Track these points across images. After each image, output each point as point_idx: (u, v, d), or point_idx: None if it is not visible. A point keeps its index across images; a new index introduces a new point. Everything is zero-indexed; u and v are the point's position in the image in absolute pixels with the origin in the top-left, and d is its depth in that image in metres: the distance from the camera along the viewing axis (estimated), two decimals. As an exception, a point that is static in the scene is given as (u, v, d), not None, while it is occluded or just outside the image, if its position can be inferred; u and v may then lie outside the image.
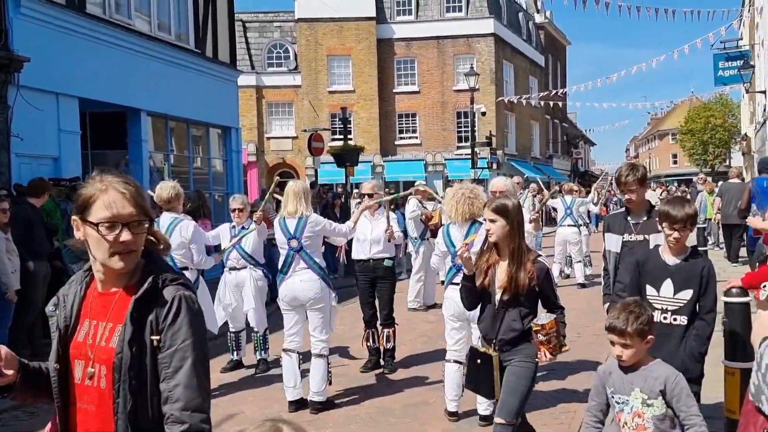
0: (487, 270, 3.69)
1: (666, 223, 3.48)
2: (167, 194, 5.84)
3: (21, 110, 9.27)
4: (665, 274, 3.50)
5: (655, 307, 3.45)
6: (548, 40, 43.15)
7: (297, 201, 5.52)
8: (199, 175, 14.72)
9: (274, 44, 33.20)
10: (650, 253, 3.70)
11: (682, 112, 54.82)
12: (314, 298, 5.45)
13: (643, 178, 4.22)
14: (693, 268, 3.49)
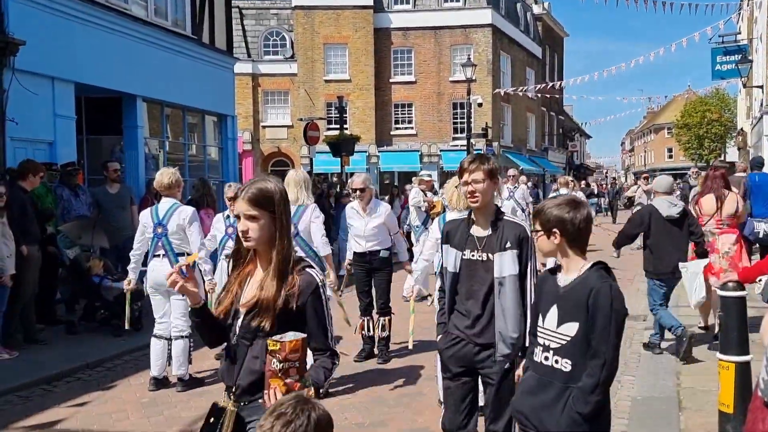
0: (238, 287, 2.53)
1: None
2: (168, 180, 5.84)
3: (16, 94, 9.19)
4: (552, 299, 2.69)
5: (538, 343, 2.73)
6: (546, 32, 43.08)
7: (298, 189, 5.50)
8: (194, 163, 14.66)
9: (270, 32, 33.02)
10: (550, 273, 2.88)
11: (678, 106, 54.91)
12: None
13: (492, 172, 3.30)
14: (581, 293, 2.58)
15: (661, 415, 4.74)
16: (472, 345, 3.33)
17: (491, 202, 3.35)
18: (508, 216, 3.35)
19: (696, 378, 5.54)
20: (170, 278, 2.47)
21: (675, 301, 8.91)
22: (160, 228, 5.80)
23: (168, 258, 5.79)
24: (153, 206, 5.96)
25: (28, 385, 5.95)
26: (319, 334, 2.45)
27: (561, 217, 2.64)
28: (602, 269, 2.62)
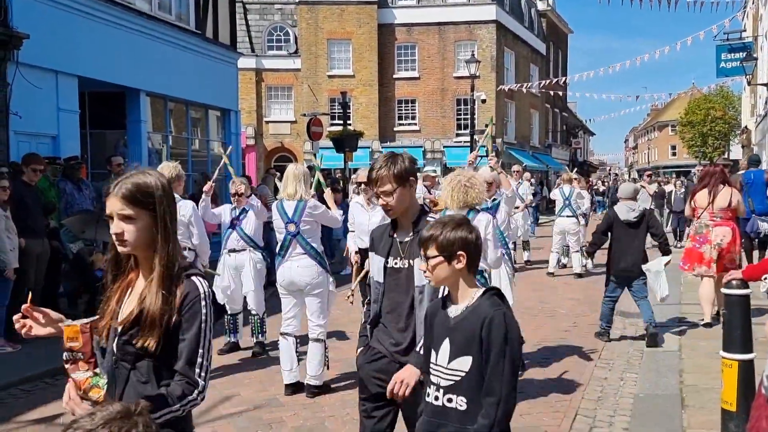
0: (116, 302, 2.14)
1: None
2: (168, 174, 5.79)
3: (20, 88, 9.20)
4: (444, 332, 2.42)
5: (431, 381, 2.45)
6: (550, 28, 42.96)
7: (297, 183, 5.45)
8: (197, 158, 14.66)
9: (274, 27, 32.98)
10: (437, 303, 2.57)
11: (683, 104, 54.73)
12: (311, 283, 5.43)
13: (402, 175, 2.92)
14: (473, 323, 2.34)
15: (663, 413, 4.73)
16: (395, 363, 2.92)
17: (413, 203, 3.01)
18: (432, 217, 2.99)
19: (699, 376, 5.53)
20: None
21: (677, 298, 8.91)
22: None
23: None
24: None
25: (31, 378, 5.97)
26: (183, 355, 2.02)
27: (465, 239, 2.38)
28: (495, 296, 2.40)
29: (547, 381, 5.75)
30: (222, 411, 5.14)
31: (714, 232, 6.97)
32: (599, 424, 4.77)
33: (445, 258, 2.38)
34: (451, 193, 4.96)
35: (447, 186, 5.04)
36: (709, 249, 6.97)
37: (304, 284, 5.44)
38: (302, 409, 5.12)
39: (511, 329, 2.31)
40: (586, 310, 8.85)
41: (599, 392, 5.46)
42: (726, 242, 6.94)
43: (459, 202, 4.90)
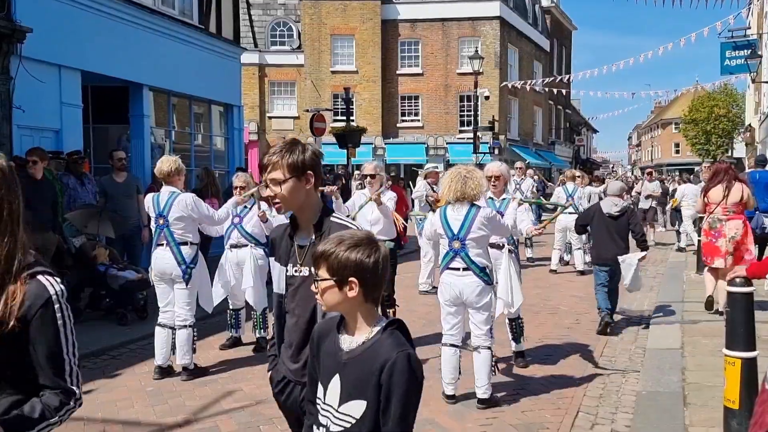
0: None
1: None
2: (167, 167, 5.80)
3: (23, 82, 9.20)
4: (334, 366, 2.04)
5: (319, 422, 2.08)
6: (554, 25, 42.86)
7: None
8: (200, 153, 14.66)
9: (277, 22, 32.95)
10: (330, 323, 2.16)
11: (686, 101, 54.61)
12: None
13: (298, 165, 2.50)
14: (370, 364, 1.95)
15: (665, 410, 4.72)
16: (300, 387, 2.52)
17: (311, 202, 2.56)
18: (336, 216, 2.59)
19: (701, 374, 5.52)
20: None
21: (680, 296, 8.90)
22: (162, 219, 5.77)
23: (170, 247, 5.76)
24: (155, 194, 5.93)
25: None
26: (47, 365, 1.78)
27: (360, 263, 1.99)
28: (397, 330, 2.03)
29: (548, 378, 5.75)
30: (224, 406, 5.15)
31: (728, 225, 7.41)
32: (601, 422, 4.77)
33: (336, 282, 1.99)
34: (449, 184, 4.98)
35: (446, 178, 5.08)
36: (725, 242, 7.40)
37: None
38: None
39: (416, 374, 1.95)
40: (588, 307, 8.83)
41: (601, 389, 5.45)
42: (740, 234, 7.39)
43: (456, 192, 4.92)
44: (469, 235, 4.93)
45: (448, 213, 5.05)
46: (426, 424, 4.70)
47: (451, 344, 5.09)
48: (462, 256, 4.96)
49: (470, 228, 4.93)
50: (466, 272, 4.96)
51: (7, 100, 9.04)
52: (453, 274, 5.00)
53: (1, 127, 9.01)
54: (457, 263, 4.99)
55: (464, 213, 4.96)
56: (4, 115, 9.03)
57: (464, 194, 4.93)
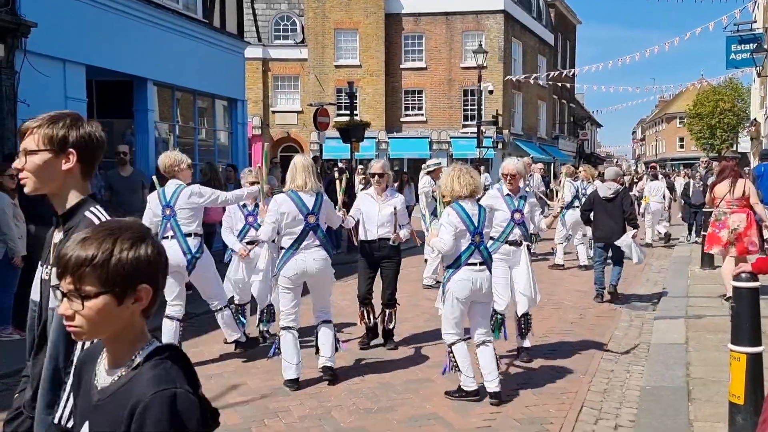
0: None
1: None
2: (169, 161, 5.88)
3: (27, 76, 9.20)
4: (86, 408, 1.56)
5: None
6: (558, 19, 42.71)
7: (307, 175, 5.40)
8: (204, 147, 14.67)
9: (281, 16, 32.91)
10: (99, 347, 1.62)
11: (691, 96, 54.42)
12: (325, 274, 5.51)
13: (61, 139, 2.05)
14: (120, 404, 1.43)
15: (670, 405, 4.72)
16: (30, 421, 2.14)
17: (66, 184, 2.09)
18: (93, 210, 2.10)
19: (706, 369, 5.51)
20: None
21: (684, 291, 8.88)
22: (168, 210, 5.80)
23: (177, 239, 5.78)
24: (160, 189, 5.96)
25: (39, 365, 6.00)
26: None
27: (147, 261, 1.48)
28: (167, 360, 1.49)
29: (552, 373, 5.75)
30: (228, 400, 5.16)
31: (731, 218, 7.94)
32: (605, 416, 4.77)
33: (111, 295, 1.45)
34: (458, 180, 5.03)
35: (449, 176, 5.12)
36: (727, 233, 7.94)
37: (318, 276, 5.45)
38: (308, 399, 5.13)
39: (183, 425, 1.40)
40: (592, 302, 8.83)
41: (605, 384, 5.45)
42: (743, 227, 7.87)
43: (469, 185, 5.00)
44: (484, 229, 5.08)
45: (465, 206, 5.02)
46: (430, 419, 4.71)
47: (462, 340, 5.08)
48: (481, 250, 5.03)
49: (484, 222, 5.06)
50: (482, 266, 5.01)
51: (11, 95, 9.05)
52: (474, 271, 4.97)
53: (6, 122, 9.02)
54: (476, 258, 4.99)
55: (477, 207, 5.07)
56: (9, 110, 9.04)
57: (477, 188, 5.03)
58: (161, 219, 5.84)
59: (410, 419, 4.73)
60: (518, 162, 6.22)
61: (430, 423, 4.65)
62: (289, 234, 5.39)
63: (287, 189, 5.49)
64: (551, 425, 4.59)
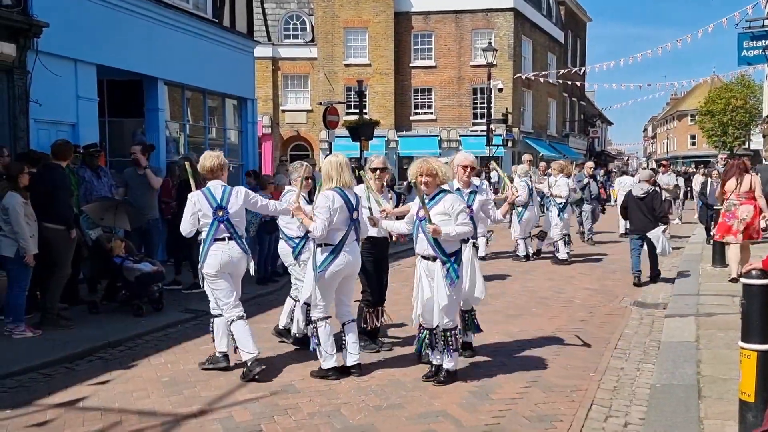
0: None
1: None
2: (210, 163, 5.73)
3: (39, 76, 9.29)
4: None
5: None
6: (568, 16, 42.53)
7: (351, 173, 5.60)
8: (214, 146, 14.71)
9: (290, 15, 32.96)
10: None
11: (702, 93, 54.06)
12: (358, 270, 5.75)
13: None
14: None
15: (680, 403, 4.70)
16: None
17: None
18: None
19: (716, 366, 5.49)
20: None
21: (695, 289, 8.84)
22: (221, 211, 5.62)
23: (235, 240, 5.67)
24: (206, 189, 5.70)
25: (52, 362, 6.06)
26: None
27: None
28: None
29: (562, 370, 5.74)
30: (238, 397, 5.19)
31: (740, 209, 9.20)
32: (615, 414, 4.76)
33: None
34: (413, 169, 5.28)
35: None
36: (736, 222, 9.19)
37: (355, 270, 5.67)
38: (318, 396, 5.15)
39: None
40: (602, 300, 8.81)
41: (615, 382, 5.44)
42: (750, 217, 9.12)
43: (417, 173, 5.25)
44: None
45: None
46: (438, 416, 4.72)
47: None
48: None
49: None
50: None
51: (24, 94, 9.14)
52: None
53: (19, 121, 9.11)
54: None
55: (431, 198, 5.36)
56: (22, 109, 9.13)
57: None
58: (212, 220, 5.60)
59: (419, 416, 4.74)
60: (470, 154, 6.29)
61: (438, 420, 4.65)
62: (337, 230, 5.45)
63: (332, 186, 5.46)
64: (560, 423, 4.58)
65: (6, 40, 8.75)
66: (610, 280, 10.39)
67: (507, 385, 5.34)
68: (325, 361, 5.51)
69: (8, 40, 8.79)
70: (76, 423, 4.70)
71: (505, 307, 8.35)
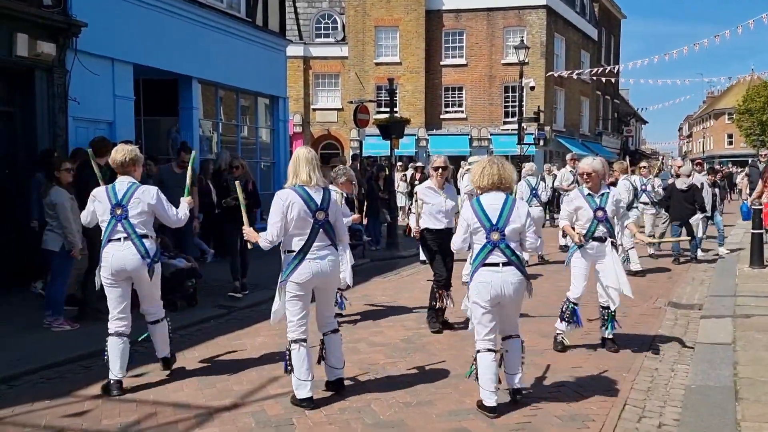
0: None
1: None
2: (121, 157, 5.35)
3: (78, 75, 9.50)
4: None
5: None
6: (602, 13, 41.97)
7: (311, 169, 4.81)
8: (246, 145, 14.88)
9: (322, 14, 33.13)
10: None
11: (740, 91, 52.87)
12: (336, 276, 5.04)
13: None
14: None
15: (716, 405, 4.62)
16: None
17: None
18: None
19: (755, 368, 5.38)
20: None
21: (732, 290, 8.66)
22: (120, 209, 5.21)
23: (131, 240, 5.22)
24: (109, 185, 5.36)
25: (89, 355, 6.18)
26: None
27: None
28: None
29: (595, 370, 5.68)
30: (270, 391, 5.25)
31: None
32: (648, 414, 4.69)
33: None
34: (484, 170, 4.75)
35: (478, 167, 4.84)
36: None
37: (330, 278, 4.91)
38: (348, 391, 5.16)
39: None
40: (638, 300, 8.65)
41: (649, 383, 5.36)
42: None
43: (493, 176, 4.69)
44: (510, 226, 4.63)
45: (483, 201, 4.67)
46: (469, 414, 4.71)
47: (488, 349, 4.68)
48: (502, 248, 4.61)
49: (507, 218, 4.62)
50: (505, 267, 4.61)
51: (63, 93, 9.35)
52: (493, 272, 4.60)
53: (58, 119, 9.32)
54: (495, 258, 4.61)
55: (502, 202, 4.67)
56: (61, 107, 9.34)
57: (504, 179, 4.70)
58: (109, 218, 5.28)
59: (449, 413, 4.73)
60: (596, 160, 6.34)
61: (469, 417, 4.64)
62: (296, 234, 4.78)
63: (292, 185, 4.85)
64: (593, 422, 4.54)
65: (46, 39, 8.96)
66: (644, 280, 10.23)
67: (538, 384, 5.31)
68: (298, 390, 4.81)
69: (48, 39, 9.00)
70: (112, 414, 4.80)
71: (535, 307, 8.27)
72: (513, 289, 4.64)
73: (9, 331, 6.90)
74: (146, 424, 4.61)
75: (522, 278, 4.67)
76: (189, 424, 4.60)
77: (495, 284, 4.60)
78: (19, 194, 8.73)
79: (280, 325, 7.54)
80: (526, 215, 4.72)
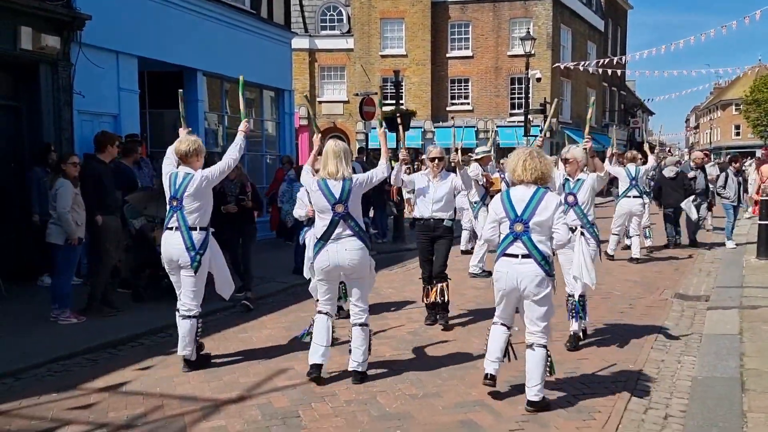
0: None
1: None
2: (186, 147, 5.48)
3: (82, 68, 9.50)
4: None
5: None
6: (609, 4, 41.71)
7: (338, 161, 5.12)
8: (252, 138, 14.83)
9: (327, 6, 33.03)
10: None
11: (748, 82, 52.50)
12: (359, 266, 5.14)
13: None
14: None
15: (722, 396, 4.61)
16: None
17: None
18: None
19: (761, 360, 5.36)
20: None
21: (739, 281, 8.61)
22: (175, 201, 5.44)
23: (180, 231, 5.44)
24: (173, 172, 5.53)
25: (96, 348, 6.21)
26: None
27: None
28: None
29: (601, 362, 5.67)
30: (277, 383, 5.26)
31: None
32: (655, 406, 4.68)
33: None
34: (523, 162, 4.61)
35: (515, 156, 4.71)
36: None
37: (351, 269, 5.11)
38: (355, 383, 5.18)
39: None
40: (642, 292, 8.66)
41: (655, 374, 5.35)
42: None
43: (533, 170, 4.57)
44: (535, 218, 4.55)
45: (513, 193, 4.65)
46: (475, 405, 4.71)
47: (502, 323, 4.83)
48: (524, 240, 4.54)
49: (533, 211, 4.54)
50: (524, 259, 4.54)
51: (68, 86, 9.36)
52: (512, 263, 4.57)
53: (63, 113, 9.33)
54: (515, 249, 4.57)
55: (532, 194, 4.59)
56: (66, 101, 9.35)
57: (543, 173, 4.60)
58: (169, 208, 5.52)
59: (456, 405, 4.73)
60: (577, 149, 6.33)
61: (475, 409, 4.64)
62: (320, 220, 5.18)
63: (318, 177, 5.21)
64: (599, 414, 4.53)
65: (50, 32, 8.96)
66: (651, 271, 10.21)
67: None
68: (312, 356, 5.15)
69: (53, 32, 9.00)
70: (119, 406, 4.82)
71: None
72: (529, 281, 4.51)
73: (16, 325, 6.93)
74: (153, 417, 4.62)
75: (539, 272, 4.50)
76: (195, 416, 4.61)
77: (510, 275, 4.57)
78: (24, 188, 8.78)
79: (286, 318, 7.58)
80: (555, 208, 4.55)
